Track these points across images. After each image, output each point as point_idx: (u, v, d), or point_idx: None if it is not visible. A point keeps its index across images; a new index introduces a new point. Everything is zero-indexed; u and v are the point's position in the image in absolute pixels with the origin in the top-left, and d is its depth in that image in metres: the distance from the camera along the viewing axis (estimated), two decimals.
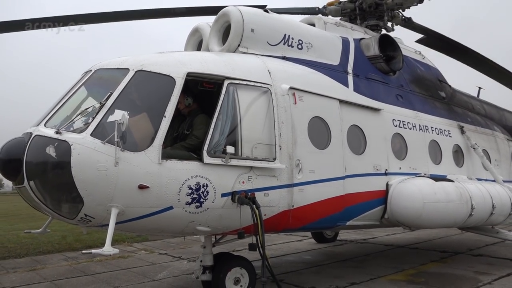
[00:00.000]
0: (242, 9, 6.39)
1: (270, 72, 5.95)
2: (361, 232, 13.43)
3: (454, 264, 8.59)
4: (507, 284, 6.92)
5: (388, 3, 9.18)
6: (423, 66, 9.49)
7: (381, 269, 8.21)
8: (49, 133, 4.69)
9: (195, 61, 5.48)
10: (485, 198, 7.59)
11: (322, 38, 7.35)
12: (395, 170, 7.28)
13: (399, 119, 7.67)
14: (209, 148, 5.08)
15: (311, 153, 6.07)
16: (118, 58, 5.54)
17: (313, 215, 6.11)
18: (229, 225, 5.37)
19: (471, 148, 9.03)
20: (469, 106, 10.46)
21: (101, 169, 4.51)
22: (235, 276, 6.05)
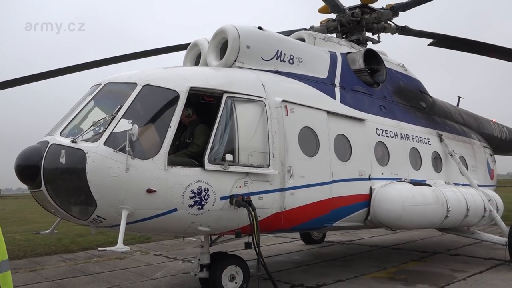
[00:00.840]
0: (238, 26, 6.91)
1: (264, 86, 6.50)
2: (347, 233, 14.04)
3: (433, 263, 9.22)
4: (479, 280, 7.56)
5: (366, 19, 9.83)
6: (405, 78, 10.12)
7: (365, 268, 8.80)
8: (65, 142, 5.16)
9: (197, 77, 6.01)
10: (460, 201, 8.23)
11: (311, 53, 7.93)
12: (378, 175, 7.87)
13: (382, 128, 8.28)
14: (209, 155, 5.60)
15: (301, 160, 6.61)
16: (126, 72, 6.03)
17: (303, 217, 6.66)
18: (227, 225, 5.89)
19: (449, 155, 9.69)
20: (448, 115, 11.13)
21: (113, 175, 5.00)
22: (230, 274, 6.57)
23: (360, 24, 9.93)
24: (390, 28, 10.33)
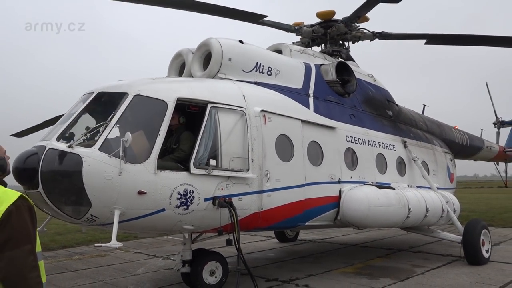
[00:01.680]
0: (221, 40, 7.47)
1: (244, 96, 7.07)
2: (319, 232, 14.79)
3: (396, 259, 10.01)
4: (436, 274, 8.37)
5: (352, 34, 10.55)
6: (374, 88, 10.87)
7: (335, 264, 9.51)
8: (62, 147, 5.60)
9: (184, 88, 6.53)
10: (420, 203, 9.04)
11: (288, 65, 8.54)
12: (347, 179, 8.56)
13: (351, 136, 8.98)
14: (195, 160, 6.13)
15: (278, 164, 7.22)
16: (117, 82, 6.51)
17: (278, 217, 7.26)
18: (210, 224, 6.44)
19: (412, 160, 10.50)
20: (412, 123, 11.98)
21: (107, 178, 5.47)
22: (211, 269, 7.16)
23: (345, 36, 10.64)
24: (365, 36, 10.97)
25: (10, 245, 2.44)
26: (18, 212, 2.52)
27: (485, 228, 9.51)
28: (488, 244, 9.46)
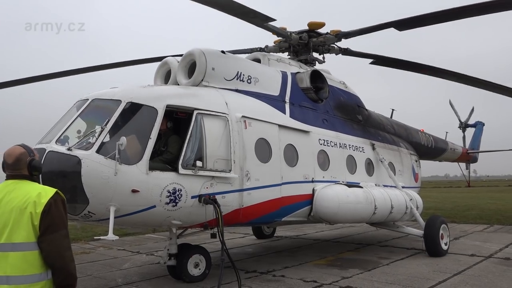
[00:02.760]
0: (205, 50, 8.11)
1: (227, 103, 7.74)
2: (294, 229, 15.60)
3: (365, 252, 10.88)
4: (399, 265, 9.23)
5: (313, 42, 11.32)
6: (345, 94, 11.71)
7: (309, 257, 10.27)
8: (61, 150, 6.14)
9: (172, 96, 7.15)
10: (385, 200, 9.91)
11: (266, 74, 9.25)
12: (320, 178, 9.33)
13: (324, 139, 9.76)
14: (183, 162, 6.76)
15: (257, 165, 7.92)
16: (110, 90, 7.08)
17: (257, 213, 7.96)
18: (196, 219, 7.08)
19: (379, 161, 11.40)
20: (381, 126, 12.88)
21: (104, 178, 6.04)
22: (195, 261, 7.80)
23: (308, 46, 11.39)
24: (334, 50, 11.85)
25: (51, 230, 3.03)
26: (55, 204, 3.12)
27: (444, 224, 10.46)
28: (446, 237, 10.40)
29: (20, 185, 3.18)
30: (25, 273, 2.96)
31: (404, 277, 8.05)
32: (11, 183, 3.21)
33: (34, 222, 2.99)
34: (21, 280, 2.94)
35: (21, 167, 3.25)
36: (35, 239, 3.00)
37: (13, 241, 2.97)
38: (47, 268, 3.03)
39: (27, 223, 2.99)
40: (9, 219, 3.00)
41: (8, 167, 3.25)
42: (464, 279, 7.84)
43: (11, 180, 3.23)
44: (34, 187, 3.18)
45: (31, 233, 2.99)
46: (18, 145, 3.42)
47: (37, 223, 3.00)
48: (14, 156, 3.24)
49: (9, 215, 3.01)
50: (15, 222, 2.99)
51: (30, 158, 3.30)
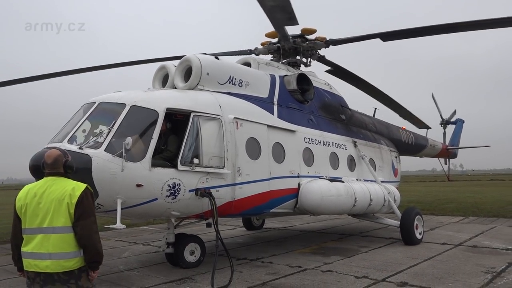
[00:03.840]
0: (200, 57, 8.87)
1: (220, 106, 8.51)
2: (282, 221, 16.48)
3: (346, 242, 11.78)
4: (377, 252, 10.13)
5: (304, 46, 12.11)
6: (330, 95, 12.53)
7: (295, 246, 11.14)
8: (73, 148, 6.87)
9: (172, 99, 7.90)
10: (365, 194, 10.80)
11: (256, 77, 10.01)
12: (305, 173, 10.16)
13: (309, 137, 10.59)
14: (181, 159, 7.53)
15: (247, 162, 8.72)
16: (115, 94, 7.81)
17: (247, 205, 8.76)
18: (193, 210, 7.87)
19: (361, 158, 12.28)
20: (363, 125, 13.76)
21: (112, 173, 6.78)
22: (191, 249, 8.61)
23: (297, 50, 12.16)
24: (318, 45, 12.40)
25: (83, 217, 3.81)
26: (86, 196, 3.89)
27: (419, 215, 11.39)
28: (421, 227, 11.34)
29: (58, 181, 3.97)
30: (64, 250, 3.75)
31: (380, 262, 8.95)
32: (50, 179, 3.98)
33: (70, 210, 3.79)
34: (60, 256, 3.74)
35: (58, 166, 4.03)
36: (70, 224, 3.80)
37: (54, 225, 3.76)
38: (80, 248, 3.82)
39: (64, 211, 3.78)
40: (50, 208, 3.79)
41: (47, 166, 4.02)
42: (433, 263, 8.77)
43: (50, 177, 4.00)
44: (69, 183, 3.97)
45: (68, 219, 3.79)
46: (55, 148, 4.20)
47: (72, 211, 3.79)
48: (52, 157, 4.01)
49: (50, 205, 3.80)
50: (55, 210, 3.78)
51: (65, 159, 4.10)
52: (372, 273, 7.99)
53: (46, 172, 4.02)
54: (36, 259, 3.74)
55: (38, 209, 3.79)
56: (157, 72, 9.72)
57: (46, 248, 3.73)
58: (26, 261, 3.81)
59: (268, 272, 8.25)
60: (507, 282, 7.18)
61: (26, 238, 3.83)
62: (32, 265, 3.76)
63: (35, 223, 3.78)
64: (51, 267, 3.71)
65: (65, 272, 3.75)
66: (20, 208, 3.86)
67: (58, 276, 3.74)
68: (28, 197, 3.86)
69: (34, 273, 3.77)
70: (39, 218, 3.78)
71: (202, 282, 7.56)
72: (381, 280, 7.46)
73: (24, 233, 3.84)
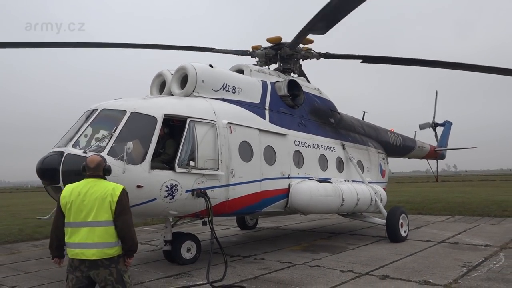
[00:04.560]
0: (195, 65, 9.41)
1: (215, 111, 9.06)
2: (275, 221, 17.05)
3: (335, 240, 12.36)
4: (363, 249, 10.69)
5: (301, 55, 12.71)
6: (319, 99, 13.11)
7: (286, 244, 11.70)
8: (78, 152, 7.39)
9: (169, 106, 8.44)
10: (352, 194, 11.38)
11: (248, 84, 10.57)
12: (295, 175, 10.73)
13: (299, 140, 11.16)
14: (178, 162, 8.06)
15: (240, 164, 9.26)
16: (116, 101, 8.34)
17: (241, 204, 9.30)
18: (189, 210, 8.41)
19: (349, 160, 12.87)
20: (351, 128, 14.34)
21: (114, 175, 7.23)
22: (187, 246, 9.14)
23: (293, 56, 12.74)
24: (312, 55, 13.00)
25: (122, 213, 4.44)
26: (124, 196, 4.53)
27: (404, 214, 11.98)
28: (406, 226, 11.92)
29: (98, 182, 4.62)
30: (107, 240, 4.39)
31: (365, 258, 9.52)
32: (91, 180, 4.64)
33: (112, 207, 4.45)
34: (104, 245, 4.37)
35: (99, 170, 4.70)
36: (112, 219, 4.44)
37: (98, 219, 4.41)
38: (119, 239, 4.46)
39: (107, 208, 4.44)
40: (94, 205, 4.43)
41: (89, 169, 4.69)
42: (414, 259, 9.35)
43: (91, 179, 4.66)
44: (108, 184, 4.64)
45: (110, 215, 4.44)
46: (96, 155, 5.01)
47: (113, 208, 4.45)
48: (95, 162, 4.70)
49: (94, 202, 4.44)
50: (99, 207, 4.43)
51: (105, 164, 4.78)
52: (357, 267, 8.56)
53: (88, 175, 4.69)
54: (82, 248, 4.33)
55: (82, 205, 4.41)
56: (154, 79, 10.25)
57: (92, 239, 4.35)
58: (72, 250, 4.40)
59: (260, 267, 8.80)
60: (480, 275, 7.77)
61: (71, 231, 4.43)
62: (78, 254, 4.34)
63: (80, 217, 4.40)
64: (96, 254, 4.32)
65: (107, 258, 4.37)
66: (65, 205, 4.47)
67: (101, 262, 4.35)
68: (73, 195, 4.48)
69: (79, 261, 4.35)
70: (84, 213, 4.39)
71: (198, 276, 8.08)
72: (365, 273, 8.03)
73: (69, 226, 4.45)
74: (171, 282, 7.74)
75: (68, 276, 4.43)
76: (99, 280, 4.37)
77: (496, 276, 7.63)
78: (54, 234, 4.56)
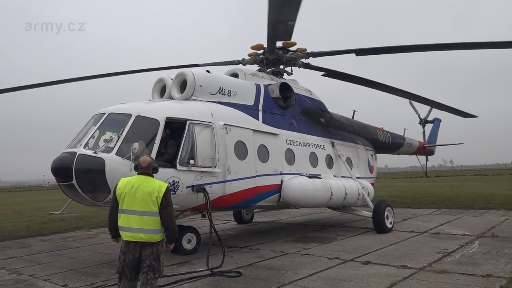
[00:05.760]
0: (193, 71, 10.22)
1: (212, 114, 9.86)
2: (271, 216, 17.89)
3: (326, 231, 13.21)
4: (351, 239, 11.52)
5: (286, 57, 13.47)
6: (310, 100, 13.91)
7: (280, 236, 12.53)
8: (89, 153, 8.18)
9: (171, 109, 9.24)
10: (340, 188, 12.23)
11: (243, 87, 11.37)
12: (287, 171, 11.55)
13: (290, 139, 11.99)
14: (179, 160, 8.86)
15: (236, 162, 10.07)
16: (122, 105, 9.14)
17: (237, 199, 10.11)
18: (190, 204, 9.21)
19: (338, 157, 13.71)
20: (341, 127, 15.16)
21: (122, 173, 8.04)
22: (188, 238, 9.95)
23: (280, 60, 13.54)
24: (300, 56, 13.76)
25: (166, 206, 5.34)
26: (168, 192, 5.43)
27: (389, 207, 12.82)
28: (391, 218, 12.77)
29: (148, 179, 5.55)
30: (153, 227, 5.34)
31: (351, 247, 10.37)
32: (143, 177, 5.56)
33: (158, 201, 5.36)
34: (151, 231, 5.31)
35: (150, 169, 5.64)
36: (157, 210, 5.34)
37: (147, 210, 5.32)
38: (162, 227, 5.37)
39: (154, 201, 5.35)
40: (144, 198, 5.34)
41: (141, 168, 5.61)
42: (396, 247, 10.20)
43: (142, 176, 5.57)
44: (156, 181, 5.55)
45: (156, 207, 5.35)
46: (147, 156, 5.93)
47: (159, 202, 5.36)
48: (147, 162, 5.64)
49: (144, 196, 5.34)
50: (148, 199, 5.34)
51: (154, 164, 5.72)
52: (343, 255, 9.40)
53: (140, 172, 5.62)
54: (133, 232, 5.28)
55: (134, 197, 5.31)
56: (156, 83, 11.04)
57: (141, 225, 5.29)
58: (124, 233, 5.34)
59: (254, 256, 9.63)
60: (453, 259, 8.62)
61: (124, 217, 5.35)
62: (129, 236, 5.30)
63: (133, 206, 5.31)
64: (144, 238, 5.27)
65: (152, 242, 5.32)
66: (120, 195, 5.41)
67: (148, 243, 5.31)
68: (127, 188, 5.40)
69: (132, 243, 5.31)
70: (135, 203, 5.30)
71: (198, 264, 8.90)
72: (349, 260, 8.87)
73: (122, 212, 5.37)
74: (174, 269, 8.54)
75: (120, 256, 5.39)
76: (143, 255, 5.30)
77: (466, 260, 8.49)
78: (112, 218, 5.52)
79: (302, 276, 7.56)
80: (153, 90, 11.08)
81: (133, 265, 5.36)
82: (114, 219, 5.48)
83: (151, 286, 5.31)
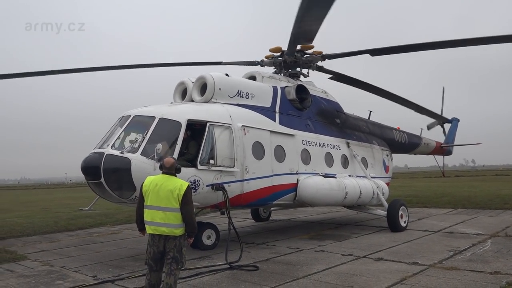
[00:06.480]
0: (213, 75, 10.69)
1: (230, 116, 10.32)
2: (288, 214, 18.29)
3: (341, 230, 13.54)
4: (365, 237, 11.83)
5: (303, 60, 13.84)
6: (326, 101, 14.24)
7: (296, 233, 12.93)
8: (116, 153, 8.74)
9: (192, 112, 9.74)
10: (355, 187, 12.54)
11: (260, 89, 11.80)
12: (303, 171, 11.94)
13: (306, 140, 12.36)
14: (200, 160, 9.34)
15: (253, 162, 10.50)
16: (146, 107, 9.68)
17: (254, 197, 10.55)
18: (209, 202, 9.69)
19: (353, 157, 14.02)
20: (356, 127, 15.44)
21: (146, 172, 8.54)
22: (207, 234, 10.43)
23: (297, 63, 13.90)
24: (315, 59, 14.07)
25: (187, 203, 5.78)
26: (189, 191, 5.86)
27: (403, 206, 13.06)
28: (405, 217, 13.01)
29: (171, 178, 6.00)
30: (175, 223, 5.77)
31: (365, 245, 10.70)
32: (166, 176, 6.02)
33: (179, 198, 5.81)
34: (173, 226, 5.76)
35: (173, 169, 6.10)
36: (179, 207, 5.79)
37: (169, 206, 5.77)
38: (183, 222, 5.81)
39: (176, 198, 5.79)
40: (167, 195, 5.81)
41: (165, 168, 6.07)
42: (409, 245, 10.49)
43: (166, 175, 6.03)
44: (178, 180, 6.00)
45: (178, 204, 5.79)
46: (171, 157, 6.44)
47: (180, 199, 5.80)
48: (170, 163, 6.10)
49: (167, 193, 5.81)
50: (170, 197, 5.79)
51: (176, 165, 6.17)
52: (356, 252, 9.74)
53: (163, 171, 6.09)
54: (157, 226, 5.74)
55: (158, 194, 5.79)
56: (177, 86, 11.57)
57: (164, 220, 5.72)
58: (149, 226, 5.81)
59: (271, 252, 10.06)
60: (464, 257, 8.88)
61: (149, 212, 5.81)
62: (153, 229, 5.77)
63: (156, 203, 5.76)
64: (166, 231, 5.72)
65: (175, 236, 5.75)
66: (146, 192, 5.89)
67: (171, 237, 5.74)
68: (151, 185, 5.87)
69: (157, 236, 5.77)
70: (159, 200, 5.75)
71: (217, 259, 9.37)
72: (362, 256, 9.22)
73: (147, 208, 5.85)
74: (195, 263, 9.03)
75: (147, 249, 5.91)
76: (167, 247, 5.76)
77: (477, 258, 8.74)
78: (138, 212, 6.03)
79: (316, 271, 7.96)
80: (174, 93, 11.60)
81: (157, 257, 5.83)
82: (141, 213, 5.96)
83: (174, 276, 5.77)
